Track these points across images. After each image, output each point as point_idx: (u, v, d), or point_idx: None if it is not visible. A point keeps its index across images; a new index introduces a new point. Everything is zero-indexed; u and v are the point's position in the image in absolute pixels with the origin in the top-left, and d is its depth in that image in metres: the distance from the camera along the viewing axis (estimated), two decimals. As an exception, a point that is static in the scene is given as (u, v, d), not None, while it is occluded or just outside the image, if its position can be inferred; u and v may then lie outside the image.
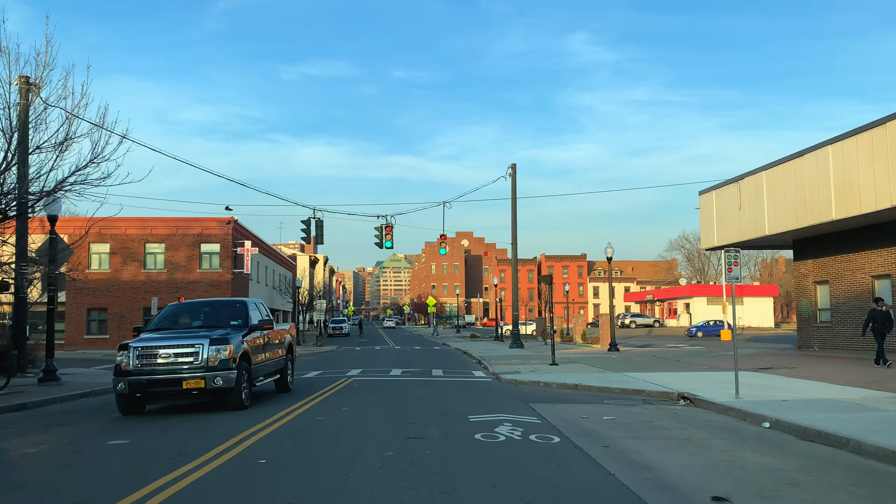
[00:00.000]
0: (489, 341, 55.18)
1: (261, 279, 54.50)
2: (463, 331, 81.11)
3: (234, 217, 44.04)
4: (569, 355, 32.62)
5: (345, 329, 73.62)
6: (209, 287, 43.36)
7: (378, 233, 35.21)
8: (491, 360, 30.23)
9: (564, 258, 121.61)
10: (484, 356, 33.50)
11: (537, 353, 36.33)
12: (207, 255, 43.97)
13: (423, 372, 24.59)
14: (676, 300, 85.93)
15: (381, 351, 43.52)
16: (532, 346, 43.93)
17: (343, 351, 44.51)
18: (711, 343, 48.85)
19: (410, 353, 39.72)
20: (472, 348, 42.14)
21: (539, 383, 19.51)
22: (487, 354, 35.03)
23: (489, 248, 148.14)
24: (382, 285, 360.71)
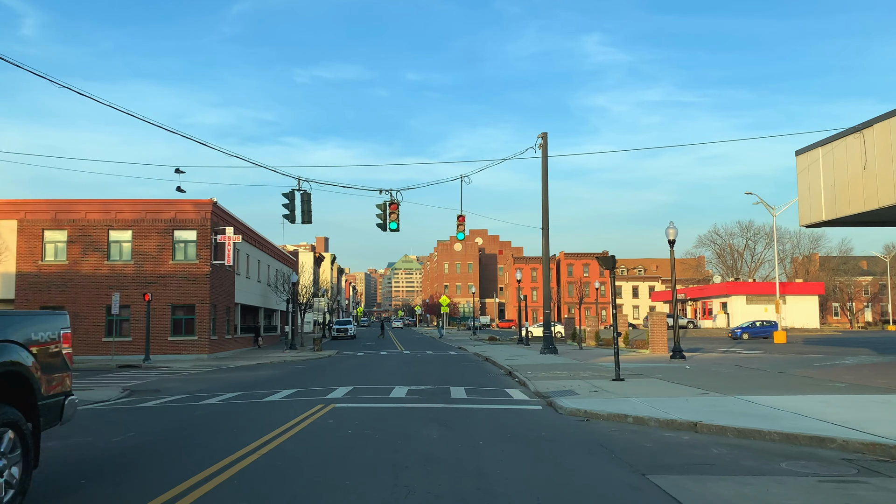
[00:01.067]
0: (511, 345, 47.75)
1: (251, 274, 47.44)
2: (479, 332, 73.66)
3: (214, 199, 36.95)
4: (625, 365, 25.20)
5: (350, 331, 66.43)
6: (183, 281, 36.28)
7: (381, 212, 27.96)
8: (525, 370, 22.87)
9: (585, 256, 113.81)
10: (514, 365, 26.14)
11: (579, 360, 28.91)
12: (182, 244, 36.90)
13: (437, 392, 17.24)
14: (711, 299, 78.12)
15: (387, 357, 36.23)
16: (566, 350, 36.51)
17: (341, 357, 37.24)
18: (767, 346, 41.24)
19: (421, 361, 32.41)
20: (495, 354, 34.78)
21: (625, 417, 12.10)
22: (517, 362, 27.66)
23: (504, 247, 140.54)
24: (394, 287, 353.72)
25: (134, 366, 31.69)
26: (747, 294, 74.34)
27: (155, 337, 35.54)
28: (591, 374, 21.67)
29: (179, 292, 36.28)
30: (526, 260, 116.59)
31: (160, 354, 35.33)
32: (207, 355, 36.01)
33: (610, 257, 18.97)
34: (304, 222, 25.59)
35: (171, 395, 18.12)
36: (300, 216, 25.63)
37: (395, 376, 22.72)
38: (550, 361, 28.08)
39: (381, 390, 17.56)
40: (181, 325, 36.43)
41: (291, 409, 13.74)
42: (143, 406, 15.73)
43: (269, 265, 53.66)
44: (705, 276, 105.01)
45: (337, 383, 19.84)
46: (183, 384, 21.86)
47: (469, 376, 22.88)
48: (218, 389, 19.34)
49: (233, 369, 28.86)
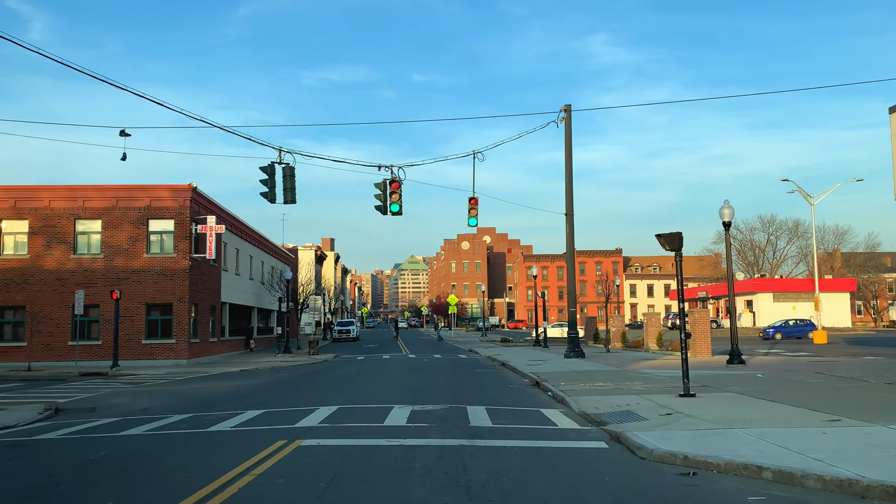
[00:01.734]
0: (527, 347, 43.13)
1: (242, 271, 42.97)
2: (489, 333, 69.03)
3: (194, 184, 32.48)
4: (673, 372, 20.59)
5: (353, 333, 61.89)
6: (159, 277, 31.82)
7: (380, 192, 23.42)
8: (556, 380, 18.29)
9: (598, 253, 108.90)
10: (539, 373, 21.57)
11: (614, 365, 24.28)
12: (158, 236, 32.44)
13: (450, 415, 12.65)
14: (735, 297, 73.29)
15: (389, 363, 31.69)
16: (592, 354, 31.88)
17: (338, 363, 32.71)
18: (808, 347, 36.50)
19: (428, 367, 27.86)
20: (513, 358, 30.19)
21: (759, 471, 7.42)
22: (542, 369, 23.08)
23: (513, 245, 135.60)
24: (401, 288, 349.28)
25: (99, 373, 27.27)
26: (774, 291, 69.46)
27: (127, 340, 31.14)
28: (642, 385, 17.05)
29: (155, 289, 31.84)
30: (536, 258, 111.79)
31: (133, 360, 30.91)
32: (187, 360, 31.54)
33: (674, 234, 14.37)
34: (287, 201, 21.05)
35: (102, 418, 13.64)
36: (282, 194, 21.11)
37: (395, 389, 18.14)
38: (581, 368, 23.46)
39: (375, 412, 12.98)
40: (157, 326, 31.98)
41: (237, 448, 9.23)
42: (41, 439, 11.22)
43: (263, 262, 49.18)
44: (723, 274, 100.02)
45: (319, 401, 15.28)
46: (133, 399, 17.38)
47: (488, 389, 18.29)
48: (167, 409, 14.85)
49: (208, 378, 24.39)
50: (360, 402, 14.78)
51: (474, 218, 26.19)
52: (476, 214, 26.15)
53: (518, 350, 38.88)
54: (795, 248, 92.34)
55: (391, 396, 15.98)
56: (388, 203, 23.37)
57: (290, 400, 15.73)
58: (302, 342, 59.54)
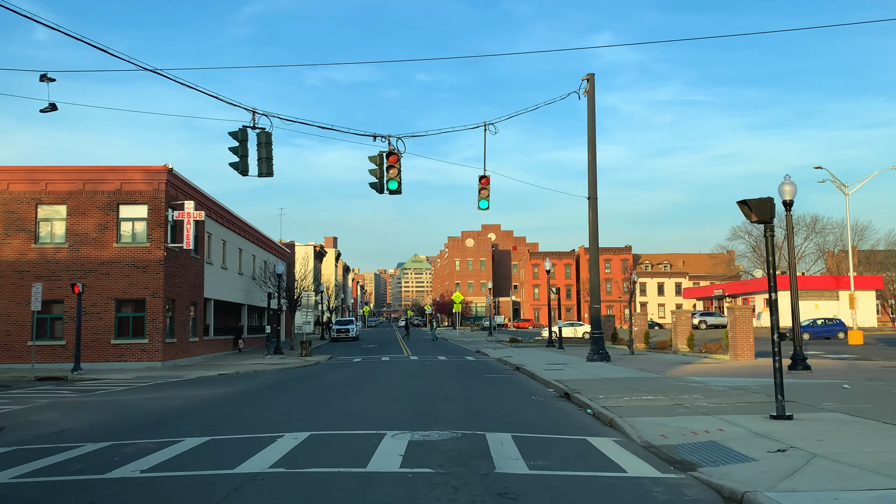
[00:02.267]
0: (540, 348, 39.45)
1: (230, 265, 39.28)
2: (496, 333, 65.24)
3: (170, 165, 28.81)
4: (727, 381, 16.89)
5: (352, 332, 58.13)
6: (131, 269, 28.18)
7: (375, 166, 19.73)
8: (592, 391, 14.58)
9: (606, 250, 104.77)
10: (564, 380, 17.87)
11: (650, 370, 20.54)
12: (129, 223, 28.80)
13: (464, 449, 8.93)
14: (753, 295, 69.35)
15: (388, 366, 28.02)
16: (617, 356, 28.13)
17: (330, 366, 29.04)
18: (844, 348, 32.69)
19: (432, 372, 24.16)
20: (528, 361, 26.49)
21: None
22: (566, 376, 19.36)
23: (518, 242, 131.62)
24: (404, 287, 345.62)
25: (57, 378, 23.69)
26: (796, 289, 65.55)
27: (94, 340, 27.55)
28: (704, 399, 13.33)
29: (126, 283, 28.19)
30: (543, 255, 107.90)
31: (100, 362, 27.32)
32: (161, 363, 27.90)
33: (764, 200, 10.67)
34: (263, 174, 17.38)
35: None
36: (256, 165, 17.44)
37: (390, 403, 14.42)
38: (613, 374, 19.72)
39: (358, 444, 9.26)
40: (128, 324, 28.34)
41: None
42: None
43: (254, 255, 45.50)
44: (736, 272, 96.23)
45: (290, 421, 11.59)
46: (62, 415, 13.73)
47: (507, 402, 14.57)
48: (89, 432, 11.21)
49: (178, 384, 20.76)
50: (342, 426, 11.06)
51: (485, 200, 22.47)
52: (487, 196, 22.44)
53: (531, 351, 35.16)
54: (813, 245, 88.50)
55: (384, 415, 12.28)
56: (385, 179, 19.69)
57: (252, 420, 12.06)
58: (297, 342, 55.88)
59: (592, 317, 25.61)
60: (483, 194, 22.35)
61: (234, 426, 11.24)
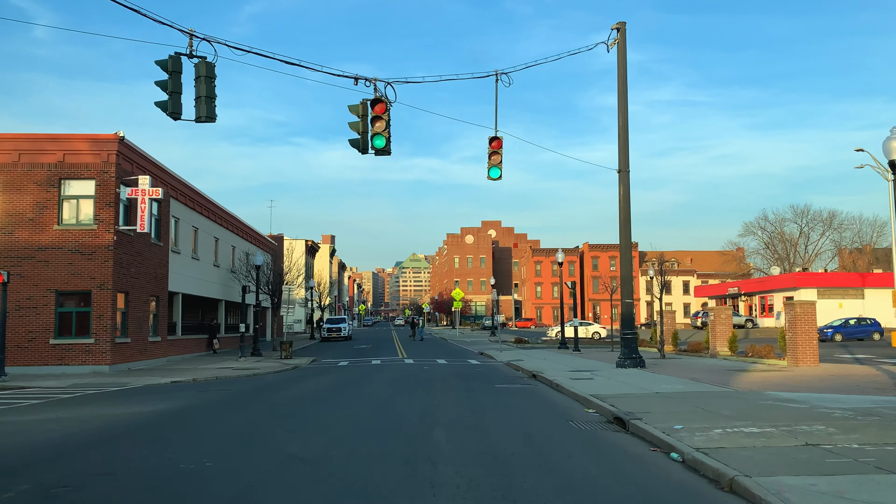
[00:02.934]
0: (552, 350, 35.01)
1: (203, 254, 34.67)
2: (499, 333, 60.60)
3: (121, 133, 24.25)
4: (847, 400, 12.42)
5: (344, 331, 53.46)
6: (74, 255, 23.65)
7: (357, 118, 15.23)
8: (660, 418, 10.11)
9: (611, 247, 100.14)
10: (606, 396, 13.37)
11: (708, 380, 15.99)
12: (73, 201, 24.27)
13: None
14: (772, 294, 64.81)
15: (378, 372, 23.49)
16: (648, 360, 23.57)
17: (309, 371, 24.50)
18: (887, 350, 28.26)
19: (430, 380, 19.62)
20: (545, 367, 21.99)
21: None
22: (603, 389, 14.85)
23: (519, 239, 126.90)
24: (402, 286, 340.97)
25: (-26, 386, 19.15)
26: (818, 287, 61.07)
27: (30, 339, 23.08)
28: (840, 433, 8.82)
29: (69, 272, 23.68)
30: (546, 252, 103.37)
31: (37, 366, 22.85)
32: (110, 367, 23.38)
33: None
34: (201, 118, 12.88)
35: None
36: (197, 108, 12.91)
37: (368, 438, 9.87)
38: (664, 386, 15.19)
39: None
40: (71, 321, 23.82)
41: None
42: None
43: (234, 246, 40.93)
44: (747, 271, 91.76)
45: (188, 482, 7.05)
46: None
47: (541, 434, 10.02)
48: None
49: (107, 396, 16.29)
50: (275, 493, 6.52)
51: (497, 168, 17.95)
52: (499, 163, 17.92)
53: (543, 354, 30.67)
54: (829, 242, 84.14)
55: (354, 462, 7.76)
56: (370, 135, 15.15)
57: (137, 471, 7.53)
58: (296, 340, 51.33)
59: (625, 314, 21.09)
60: (494, 160, 17.84)
61: (94, 489, 6.70)
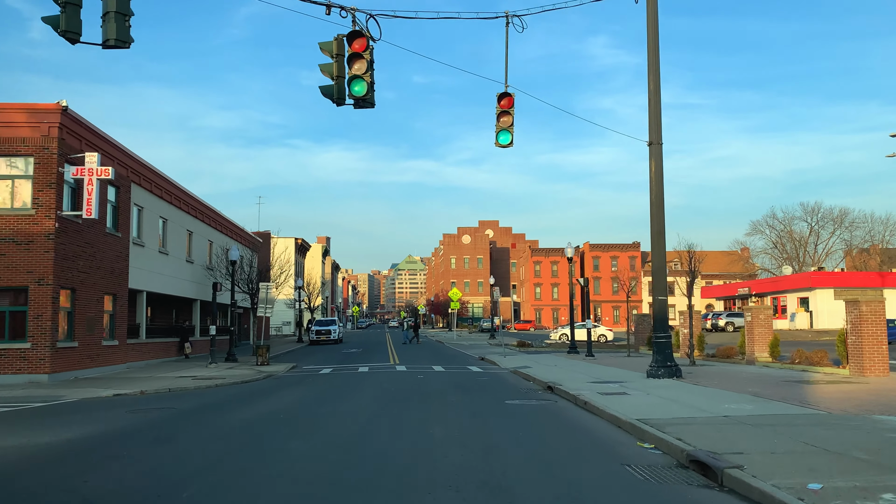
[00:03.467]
0: (561, 355, 31.58)
1: (173, 249, 31.05)
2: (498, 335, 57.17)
3: (64, 103, 20.68)
4: None
5: (334, 334, 49.86)
6: (7, 245, 20.08)
7: (330, 59, 11.73)
8: (764, 465, 6.61)
9: (613, 247, 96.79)
10: (658, 422, 9.86)
11: (780, 395, 12.47)
12: (7, 182, 20.70)
13: None
14: (784, 294, 61.49)
15: (363, 382, 19.97)
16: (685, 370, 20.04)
17: (284, 381, 20.94)
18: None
19: (425, 395, 16.10)
20: (561, 377, 18.50)
21: None
22: (657, 412, 11.36)
23: (517, 240, 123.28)
24: (398, 288, 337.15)
25: None
26: (835, 287, 57.77)
27: (-46, 344, 19.45)
28: None
29: (1, 265, 20.11)
30: (546, 252, 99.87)
31: (-38, 375, 19.22)
32: (49, 376, 19.83)
33: None
34: (109, 41, 9.34)
35: None
36: (104, 28, 9.37)
37: (329, 496, 6.28)
38: (727, 407, 11.68)
39: None
40: (3, 322, 20.24)
41: None
42: None
43: (211, 241, 37.33)
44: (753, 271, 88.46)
45: None
46: None
47: (589, 488, 6.41)
48: None
49: (6, 418, 12.71)
50: None
51: (507, 132, 14.46)
52: (510, 126, 14.44)
53: (552, 360, 27.16)
54: (840, 241, 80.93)
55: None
56: (347, 79, 11.62)
57: None
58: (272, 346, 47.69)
59: (657, 313, 17.58)
60: (503, 122, 14.34)
61: None
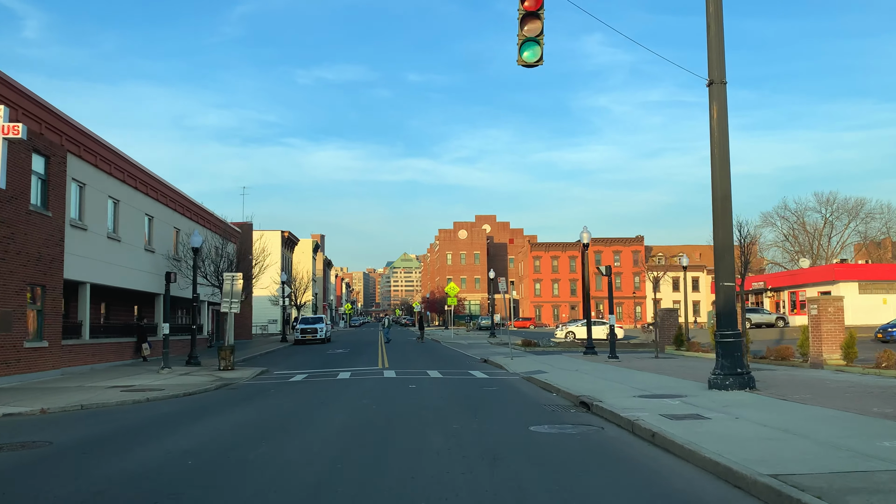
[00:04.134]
0: (576, 356, 27.35)
1: (126, 234, 26.63)
2: (499, 333, 52.94)
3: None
4: None
5: (321, 333, 45.42)
6: None
7: None
8: None
9: (615, 241, 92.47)
10: (802, 480, 5.42)
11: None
12: None
13: None
14: (804, 288, 57.34)
15: (339, 395, 15.69)
16: (764, 379, 15.75)
17: (234, 398, 16.56)
18: None
19: (416, 415, 11.78)
20: (590, 386, 14.23)
21: None
22: (785, 455, 6.97)
23: (515, 235, 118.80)
24: (393, 286, 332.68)
25: None
26: (859, 280, 53.69)
27: None
28: None
29: None
30: (546, 246, 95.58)
31: None
32: (-58, 388, 15.38)
33: None
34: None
35: None
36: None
37: None
38: (886, 444, 7.39)
39: None
40: None
41: None
42: None
43: (177, 228, 32.91)
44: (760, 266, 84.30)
45: None
46: None
47: None
48: None
49: None
50: None
51: (534, 44, 10.35)
52: (538, 34, 10.15)
53: (568, 362, 22.89)
54: (855, 234, 76.98)
55: None
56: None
57: None
58: (252, 345, 43.43)
59: (722, 305, 13.29)
60: (530, 29, 10.14)
61: None
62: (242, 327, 50.59)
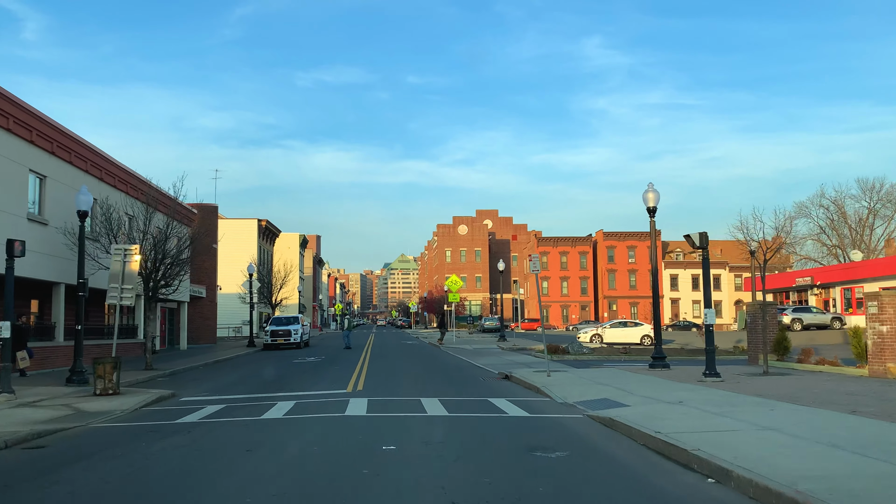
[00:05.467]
0: (644, 371, 19.11)
1: (21, 207, 18.53)
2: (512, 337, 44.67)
3: None
4: None
5: (295, 336, 37.11)
6: None
7: None
8: None
9: (630, 235, 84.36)
10: None
11: None
12: None
13: None
14: (860, 284, 49.31)
15: (241, 464, 7.15)
16: None
17: (37, 468, 8.10)
18: None
19: None
20: (759, 446, 5.89)
21: None
22: None
23: (519, 231, 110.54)
24: (390, 287, 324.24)
25: None
26: (932, 274, 45.67)
27: None
28: None
29: None
30: (554, 241, 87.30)
31: None
32: None
33: None
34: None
35: None
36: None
37: None
38: None
39: None
40: None
41: None
42: None
43: (97, 198, 24.61)
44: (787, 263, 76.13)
45: None
46: None
47: None
48: None
49: None
50: None
51: None
52: None
53: (652, 385, 14.65)
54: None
55: None
56: None
57: None
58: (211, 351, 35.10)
59: None
60: None
61: None
62: (205, 329, 42.29)
